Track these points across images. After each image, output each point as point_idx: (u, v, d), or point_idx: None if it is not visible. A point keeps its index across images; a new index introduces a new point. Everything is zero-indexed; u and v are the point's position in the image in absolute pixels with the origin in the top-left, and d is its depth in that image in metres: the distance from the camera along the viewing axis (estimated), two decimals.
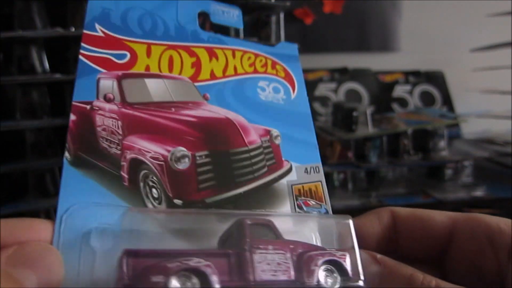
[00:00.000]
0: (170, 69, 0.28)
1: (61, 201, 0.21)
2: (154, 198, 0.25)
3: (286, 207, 0.26)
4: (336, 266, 0.22)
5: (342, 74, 1.08)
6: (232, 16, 0.32)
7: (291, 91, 0.31)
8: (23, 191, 0.45)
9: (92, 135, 0.26)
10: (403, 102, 1.07)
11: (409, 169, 0.85)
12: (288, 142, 0.29)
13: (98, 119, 0.27)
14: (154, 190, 0.25)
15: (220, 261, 0.19)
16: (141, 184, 0.25)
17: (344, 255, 0.22)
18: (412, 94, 1.08)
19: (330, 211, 0.27)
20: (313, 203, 0.27)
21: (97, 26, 0.27)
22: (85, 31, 0.26)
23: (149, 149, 0.25)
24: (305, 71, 1.09)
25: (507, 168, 0.86)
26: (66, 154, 0.24)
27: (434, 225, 0.26)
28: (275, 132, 0.29)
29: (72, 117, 0.25)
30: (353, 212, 0.28)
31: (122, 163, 0.25)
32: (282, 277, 0.20)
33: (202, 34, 0.30)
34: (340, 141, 0.77)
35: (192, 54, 0.29)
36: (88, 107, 0.26)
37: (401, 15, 1.12)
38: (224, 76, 0.29)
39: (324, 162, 0.82)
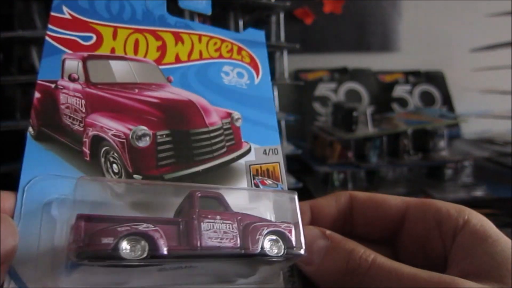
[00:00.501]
0: (135, 51, 0.29)
1: (24, 173, 0.22)
2: (114, 173, 0.26)
3: (243, 185, 0.28)
4: (280, 236, 0.23)
5: (342, 74, 1.08)
6: (201, 1, 0.33)
7: (255, 76, 0.32)
8: None
9: (56, 112, 0.27)
10: (403, 102, 1.07)
11: (409, 169, 0.85)
12: (249, 124, 0.30)
13: (62, 98, 0.27)
14: (114, 166, 0.26)
15: (170, 227, 0.21)
16: (102, 160, 0.26)
17: (290, 227, 0.24)
18: (412, 94, 1.08)
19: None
20: (270, 182, 0.28)
21: (65, 9, 0.28)
22: (52, 13, 0.27)
23: (111, 127, 0.26)
24: (305, 71, 1.10)
25: (507, 168, 0.87)
26: (30, 129, 0.25)
27: (388, 208, 0.27)
28: (236, 114, 0.30)
29: (37, 94, 0.26)
30: None
31: (84, 139, 0.26)
32: (228, 244, 0.21)
33: (169, 18, 0.30)
34: (340, 141, 0.77)
35: (158, 38, 0.30)
36: (52, 85, 0.27)
37: (401, 15, 1.12)
38: (189, 60, 0.30)
39: (324, 162, 0.82)
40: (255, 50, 0.33)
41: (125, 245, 0.19)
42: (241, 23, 0.59)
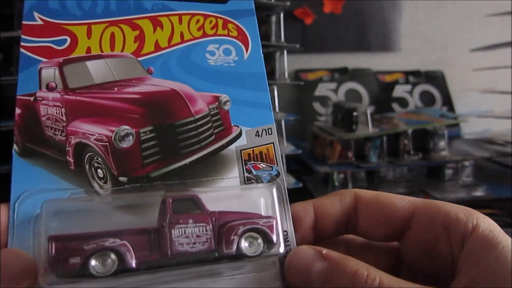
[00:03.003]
0: (112, 47, 0.27)
1: (13, 190, 0.23)
2: (99, 178, 0.25)
3: (234, 172, 0.27)
4: (259, 233, 0.23)
5: (342, 74, 1.08)
6: None
7: (244, 50, 0.30)
8: None
9: (38, 125, 0.27)
10: (403, 102, 1.07)
11: (409, 169, 0.85)
12: (239, 106, 0.28)
13: (42, 109, 0.27)
14: (99, 171, 0.25)
15: (140, 238, 0.21)
16: (87, 166, 0.26)
17: (270, 222, 0.23)
18: (412, 94, 1.08)
19: (282, 172, 0.27)
20: (264, 166, 0.27)
21: (36, 15, 0.26)
22: (24, 22, 0.26)
23: (93, 131, 0.26)
24: (305, 71, 1.10)
25: (507, 168, 0.87)
26: (15, 146, 0.25)
27: (394, 209, 0.26)
28: (224, 97, 0.28)
29: (18, 110, 0.25)
30: None
31: (68, 148, 0.26)
32: (201, 247, 0.21)
33: (145, 3, 0.28)
34: (340, 141, 0.77)
35: (134, 27, 0.28)
36: (31, 98, 0.26)
37: (401, 15, 1.12)
38: (169, 46, 0.28)
39: (324, 162, 0.82)
40: (243, 21, 0.30)
41: (94, 262, 0.19)
42: None
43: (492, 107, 1.01)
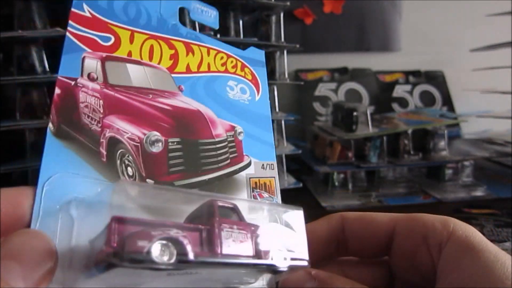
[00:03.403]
0: (150, 57, 0.30)
1: (43, 169, 0.23)
2: (129, 176, 0.26)
3: (243, 196, 0.29)
4: (289, 251, 0.24)
5: (342, 74, 1.08)
6: (210, 15, 0.34)
7: (256, 93, 0.33)
8: None
9: (75, 110, 0.27)
10: (403, 102, 1.07)
11: (409, 169, 0.85)
12: (249, 139, 0.31)
13: (82, 96, 0.27)
14: (129, 169, 0.27)
15: (194, 234, 0.21)
16: (118, 162, 0.27)
17: (298, 241, 0.25)
18: (412, 94, 1.08)
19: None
20: (266, 195, 0.30)
21: (85, 7, 0.28)
22: (73, 9, 0.27)
23: (127, 129, 0.27)
24: (305, 71, 1.10)
25: (507, 168, 0.87)
26: (50, 125, 0.25)
27: (376, 226, 0.28)
28: (239, 128, 0.31)
29: (57, 90, 0.26)
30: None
31: (101, 140, 0.26)
32: (244, 252, 0.22)
33: (181, 29, 0.31)
34: (340, 141, 0.77)
35: (171, 46, 0.31)
36: (72, 83, 0.27)
37: (401, 15, 1.12)
38: (198, 72, 0.31)
39: (324, 162, 0.82)
40: (256, 69, 0.34)
41: (156, 249, 0.19)
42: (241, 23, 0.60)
43: (492, 107, 1.01)
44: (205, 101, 0.31)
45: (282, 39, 0.64)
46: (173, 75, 0.30)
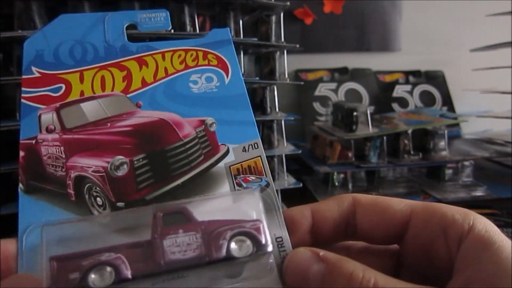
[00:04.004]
0: (103, 88, 0.30)
1: (20, 223, 0.25)
2: (99, 206, 0.27)
3: (225, 187, 0.29)
4: (247, 236, 0.25)
5: (342, 74, 1.08)
6: (160, 19, 0.34)
7: (225, 76, 0.33)
8: None
9: (40, 164, 0.29)
10: (403, 102, 1.07)
11: (409, 169, 0.85)
12: (224, 126, 0.31)
13: (43, 150, 0.29)
14: (98, 199, 0.28)
15: (134, 251, 0.23)
16: (86, 196, 0.28)
17: (256, 225, 0.25)
18: (412, 94, 1.08)
19: (271, 182, 0.29)
20: (253, 178, 0.29)
21: (33, 69, 0.30)
22: (23, 76, 0.29)
23: (90, 164, 0.28)
24: (305, 71, 1.10)
25: (507, 168, 0.87)
26: (20, 185, 0.27)
27: (392, 212, 0.27)
28: (209, 120, 0.31)
29: (22, 153, 0.28)
30: None
31: (68, 182, 0.28)
32: (192, 254, 0.23)
33: (130, 46, 0.32)
34: (340, 141, 0.77)
35: (122, 68, 0.31)
36: (33, 141, 0.29)
37: (401, 15, 1.12)
38: (155, 81, 0.31)
39: (324, 162, 0.82)
40: (221, 50, 0.33)
41: (93, 276, 0.21)
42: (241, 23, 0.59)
43: (492, 107, 1.01)
44: (168, 106, 0.31)
45: (282, 39, 0.64)
46: (129, 94, 0.31)
